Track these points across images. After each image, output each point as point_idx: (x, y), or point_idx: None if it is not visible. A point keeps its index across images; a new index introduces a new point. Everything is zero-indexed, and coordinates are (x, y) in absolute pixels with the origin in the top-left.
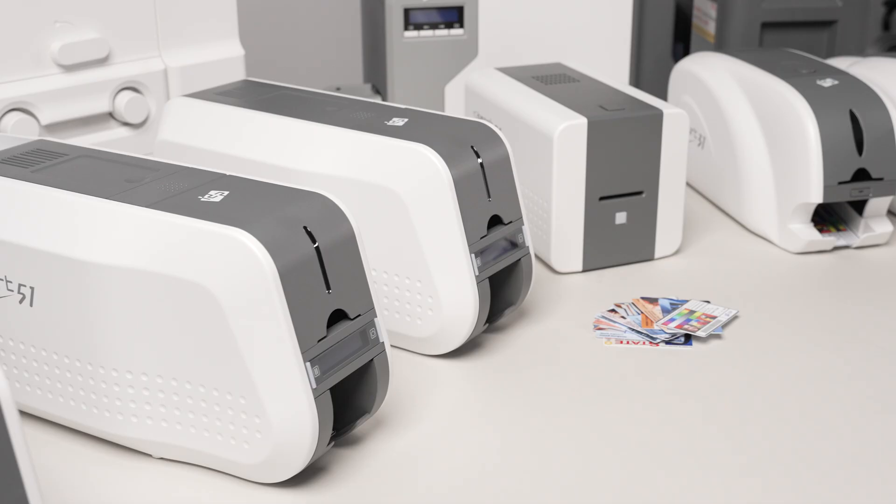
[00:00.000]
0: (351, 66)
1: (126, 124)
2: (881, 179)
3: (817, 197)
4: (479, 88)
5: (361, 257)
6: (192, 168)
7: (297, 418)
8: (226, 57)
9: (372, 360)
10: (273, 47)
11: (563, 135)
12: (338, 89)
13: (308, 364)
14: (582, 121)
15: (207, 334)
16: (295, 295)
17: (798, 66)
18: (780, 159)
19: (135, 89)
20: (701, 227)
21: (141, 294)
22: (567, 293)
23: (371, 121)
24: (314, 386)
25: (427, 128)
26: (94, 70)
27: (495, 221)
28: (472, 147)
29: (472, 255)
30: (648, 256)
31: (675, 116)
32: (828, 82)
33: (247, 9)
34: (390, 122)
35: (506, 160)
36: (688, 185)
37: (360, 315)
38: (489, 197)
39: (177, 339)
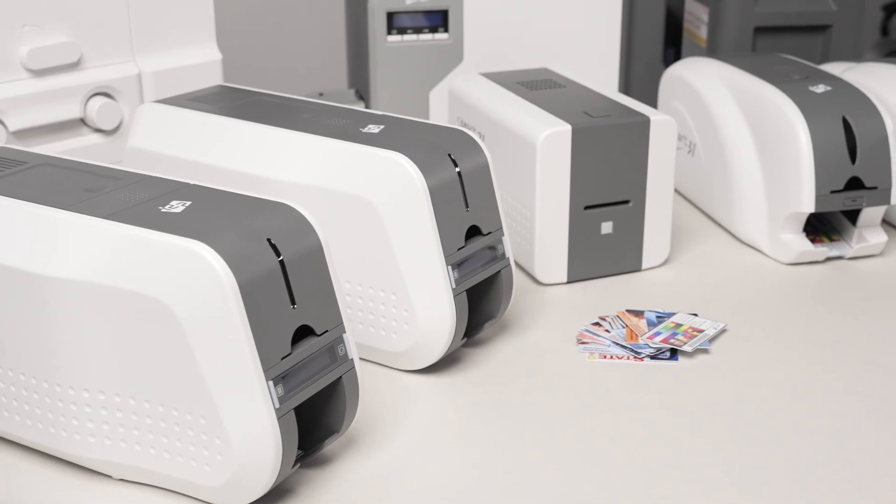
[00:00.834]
0: (336, 72)
1: (98, 131)
2: (875, 188)
3: (809, 206)
4: (463, 94)
5: (329, 270)
6: (154, 177)
7: (259, 439)
8: (202, 61)
9: (340, 377)
10: (258, 52)
11: (547, 142)
12: (321, 95)
13: (270, 383)
14: (566, 128)
15: (166, 351)
16: (257, 310)
17: (790, 72)
18: (771, 167)
19: (107, 95)
20: (690, 237)
21: (97, 309)
22: (551, 305)
23: (346, 128)
24: (277, 406)
25: (403, 135)
26: (65, 75)
27: (474, 232)
28: (449, 155)
29: (449, 268)
30: (635, 267)
31: (662, 123)
32: (820, 88)
33: (231, 13)
34: (366, 130)
35: (485, 168)
36: (678, 193)
37: (327, 331)
38: (467, 207)
39: (134, 357)
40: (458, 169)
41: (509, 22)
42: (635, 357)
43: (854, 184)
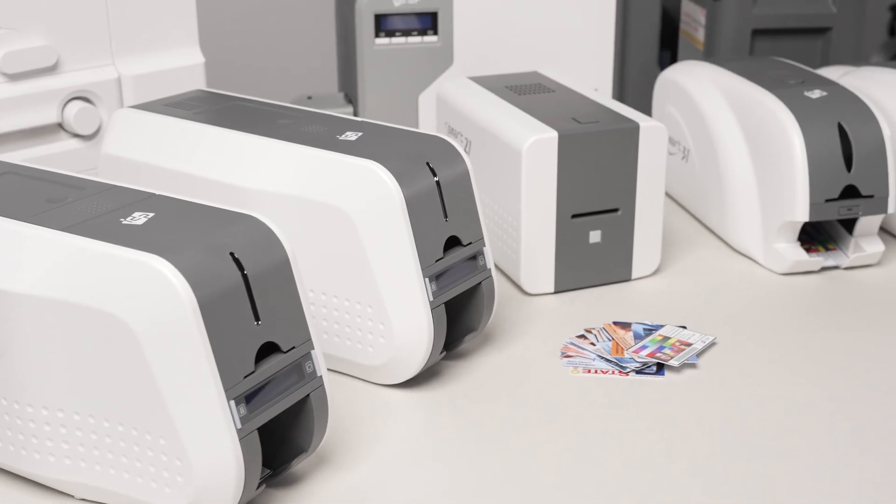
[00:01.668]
0: (327, 75)
1: (77, 136)
2: (871, 197)
3: (803, 215)
4: (450, 99)
5: (297, 285)
6: (120, 187)
7: (221, 461)
8: (184, 65)
9: (308, 395)
10: (249, 54)
11: (532, 149)
12: (309, 98)
13: (232, 403)
14: (552, 134)
15: (124, 369)
16: (218, 328)
17: (786, 76)
18: (765, 175)
19: (86, 99)
20: (683, 246)
21: (55, 325)
22: (537, 316)
23: (323, 135)
24: (239, 426)
25: (381, 143)
26: (42, 79)
27: (453, 243)
28: (427, 164)
29: (426, 280)
30: (625, 277)
31: (652, 130)
32: (816, 94)
33: (222, 15)
34: (343, 137)
35: (465, 177)
36: (671, 199)
37: (294, 348)
38: (446, 217)
39: (93, 375)
40: (436, 178)
41: (500, 24)
42: (620, 371)
43: (850, 192)
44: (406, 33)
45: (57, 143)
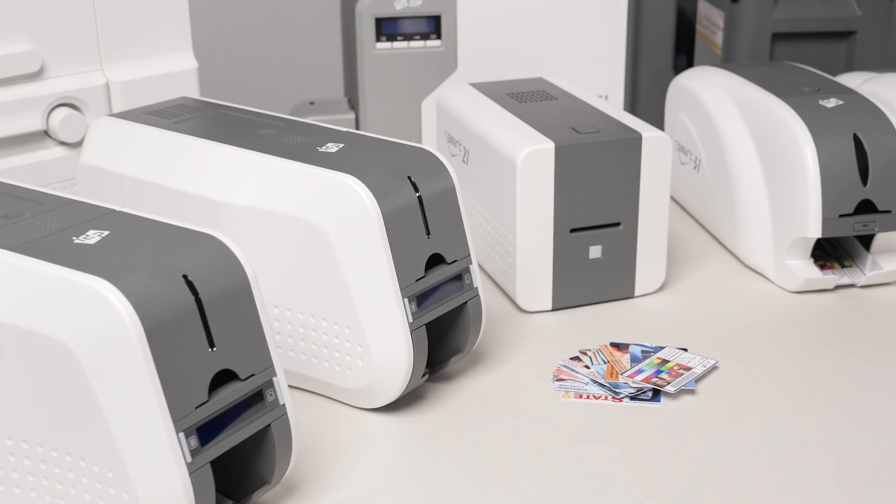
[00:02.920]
0: (334, 79)
1: (63, 144)
2: (888, 212)
3: (815, 231)
4: (449, 106)
5: (258, 309)
6: (80, 202)
7: (170, 497)
8: (176, 70)
9: (269, 425)
10: (255, 58)
11: (527, 160)
12: (311, 104)
13: (181, 435)
14: (548, 145)
15: (69, 398)
16: (166, 355)
17: (801, 84)
18: (777, 188)
19: (72, 106)
20: (692, 260)
21: None
22: (532, 335)
23: (303, 147)
24: (189, 460)
25: (362, 155)
26: (26, 85)
27: (437, 261)
28: (409, 178)
29: (406, 300)
30: (628, 294)
31: (656, 140)
32: (831, 102)
33: (229, 19)
34: (323, 149)
35: (451, 192)
36: (683, 210)
37: (253, 375)
38: (428, 234)
39: (39, 402)
40: (418, 193)
41: (506, 28)
42: (614, 397)
43: (865, 207)
44: (408, 37)
45: (43, 150)
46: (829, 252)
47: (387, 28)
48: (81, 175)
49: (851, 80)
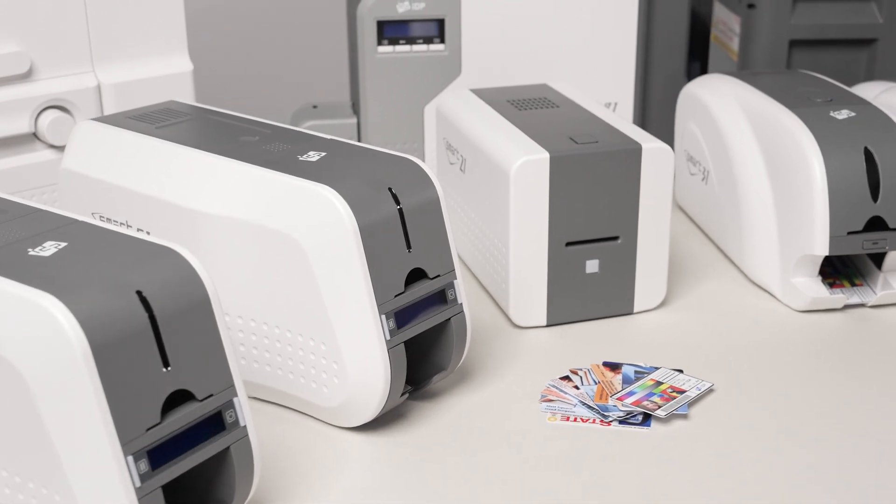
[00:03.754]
0: (342, 83)
1: (52, 147)
2: None
3: (822, 249)
4: (449, 113)
5: (219, 326)
6: (43, 211)
7: None
8: (170, 73)
9: (229, 447)
10: (265, 61)
11: (521, 171)
12: (314, 107)
13: (130, 458)
14: (543, 156)
15: (16, 418)
16: (115, 374)
17: (814, 94)
18: (784, 203)
19: (62, 108)
20: (697, 275)
21: None
22: (524, 352)
23: (283, 155)
24: (138, 484)
25: (343, 165)
26: (14, 87)
27: (418, 275)
28: (390, 189)
29: (383, 317)
30: (627, 310)
31: (656, 152)
32: (843, 114)
33: (239, 20)
34: (304, 157)
35: (434, 204)
36: (692, 222)
37: (212, 395)
38: (409, 248)
39: None
40: (399, 206)
41: (512, 32)
42: (602, 421)
43: (876, 224)
44: (411, 41)
45: (32, 153)
46: (839, 269)
47: (389, 31)
48: (62, 180)
49: (870, 89)
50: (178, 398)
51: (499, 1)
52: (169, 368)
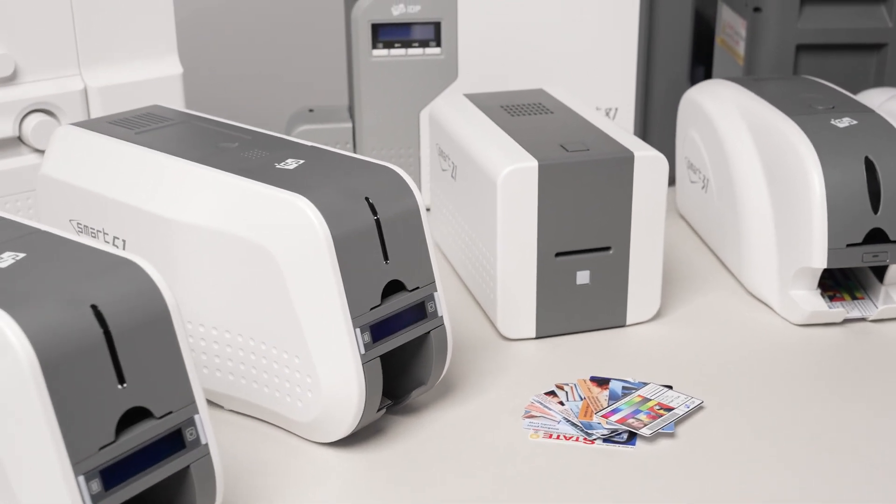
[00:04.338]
0: (339, 86)
1: (38, 151)
2: None
3: (820, 262)
4: (441, 118)
5: (179, 341)
6: (6, 219)
7: None
8: (159, 76)
9: (188, 467)
10: (263, 63)
11: (508, 180)
12: (311, 111)
13: (81, 479)
14: (531, 164)
15: None
16: (67, 392)
17: (815, 101)
18: (783, 213)
19: (48, 112)
20: (695, 285)
21: None
22: (511, 365)
23: (260, 162)
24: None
25: (321, 173)
26: None
27: (396, 287)
28: (366, 199)
29: (357, 331)
30: (619, 322)
31: (649, 160)
32: (844, 122)
33: (238, 24)
34: (281, 165)
35: (414, 215)
36: (693, 231)
37: (171, 412)
38: (386, 259)
39: None
40: (376, 216)
41: (510, 35)
42: (585, 439)
43: (876, 236)
44: (406, 44)
45: (17, 157)
46: (840, 282)
47: (384, 34)
48: (40, 186)
49: (876, 96)
50: (136, 415)
51: (496, 3)
52: (125, 385)
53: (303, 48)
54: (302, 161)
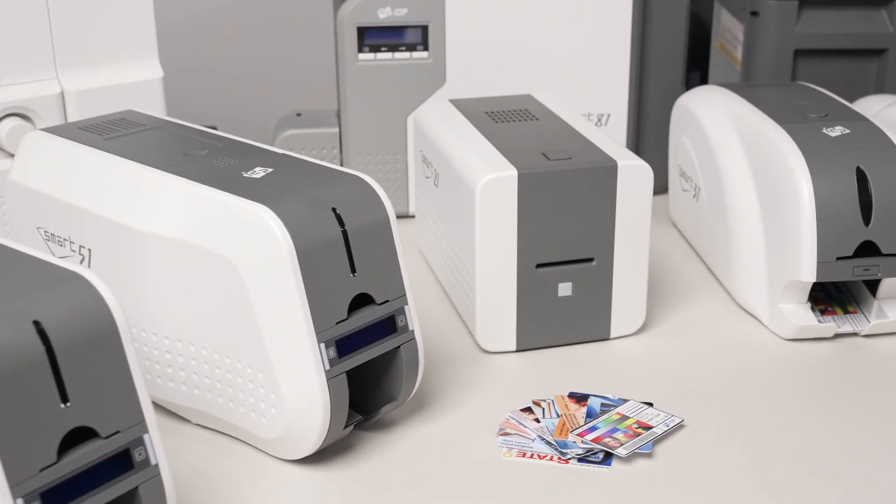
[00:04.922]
0: (329, 90)
1: (12, 156)
2: (893, 255)
3: (809, 275)
4: (424, 125)
5: (129, 359)
6: None
7: None
8: (139, 80)
9: (137, 488)
10: (255, 65)
11: (487, 189)
12: (298, 115)
13: (20, 501)
14: (511, 173)
15: None
16: (6, 410)
17: (808, 108)
18: (772, 225)
19: (23, 116)
20: (683, 297)
21: None
22: (490, 379)
23: (228, 171)
24: None
25: (288, 182)
26: None
27: (364, 301)
28: (333, 210)
29: (322, 346)
30: (603, 335)
31: (633, 169)
32: (836, 131)
33: (231, 26)
34: (248, 174)
35: (384, 226)
36: (685, 240)
37: (118, 432)
38: (354, 272)
39: None
40: (343, 227)
41: (499, 39)
42: (560, 458)
43: (867, 249)
44: (393, 48)
45: None
46: (832, 295)
47: (370, 38)
48: (8, 193)
49: (874, 103)
50: (82, 436)
51: (486, 6)
52: (68, 404)
53: (294, 50)
54: (270, 170)
